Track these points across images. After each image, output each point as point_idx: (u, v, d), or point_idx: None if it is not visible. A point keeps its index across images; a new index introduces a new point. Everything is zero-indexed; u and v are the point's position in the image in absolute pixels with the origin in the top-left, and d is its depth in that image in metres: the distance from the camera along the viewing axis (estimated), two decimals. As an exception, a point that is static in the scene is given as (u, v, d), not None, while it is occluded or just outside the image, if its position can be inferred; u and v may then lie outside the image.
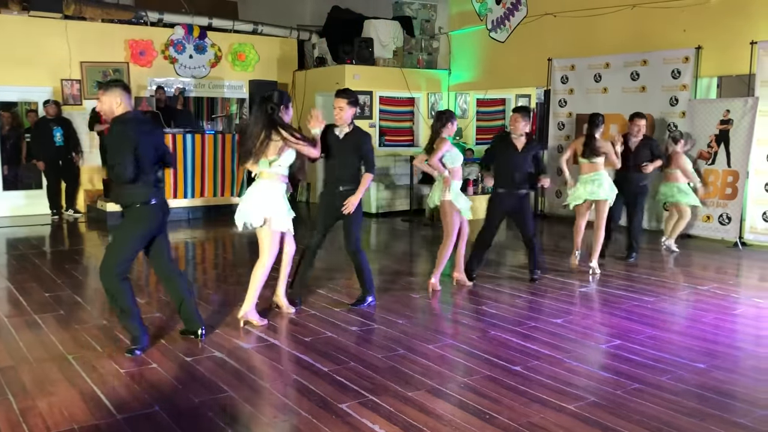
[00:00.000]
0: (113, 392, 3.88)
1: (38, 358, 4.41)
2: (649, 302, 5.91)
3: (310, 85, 12.91)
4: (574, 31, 10.34)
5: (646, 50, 9.46)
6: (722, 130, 8.57)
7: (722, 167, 8.58)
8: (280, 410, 3.65)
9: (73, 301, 5.86)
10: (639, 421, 3.50)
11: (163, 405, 3.69)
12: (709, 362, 4.41)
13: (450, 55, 12.93)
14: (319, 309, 5.61)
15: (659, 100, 9.32)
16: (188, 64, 12.31)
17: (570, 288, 6.42)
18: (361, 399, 3.78)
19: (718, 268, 7.45)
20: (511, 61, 11.43)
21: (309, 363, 4.36)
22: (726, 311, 5.65)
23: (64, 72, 11.17)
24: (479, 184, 11.14)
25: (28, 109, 11.46)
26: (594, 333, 5.07)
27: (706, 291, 6.32)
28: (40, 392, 3.86)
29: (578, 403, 3.73)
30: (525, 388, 3.95)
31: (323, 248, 6.01)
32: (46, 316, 5.35)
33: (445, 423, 3.48)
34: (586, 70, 10.29)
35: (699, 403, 3.76)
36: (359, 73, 11.83)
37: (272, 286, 5.54)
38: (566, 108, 10.63)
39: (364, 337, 4.92)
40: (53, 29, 11.04)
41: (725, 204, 8.55)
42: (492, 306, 5.78)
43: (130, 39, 11.78)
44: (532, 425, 3.45)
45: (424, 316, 5.58)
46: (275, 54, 13.28)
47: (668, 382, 4.05)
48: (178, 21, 12.28)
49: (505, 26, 11.52)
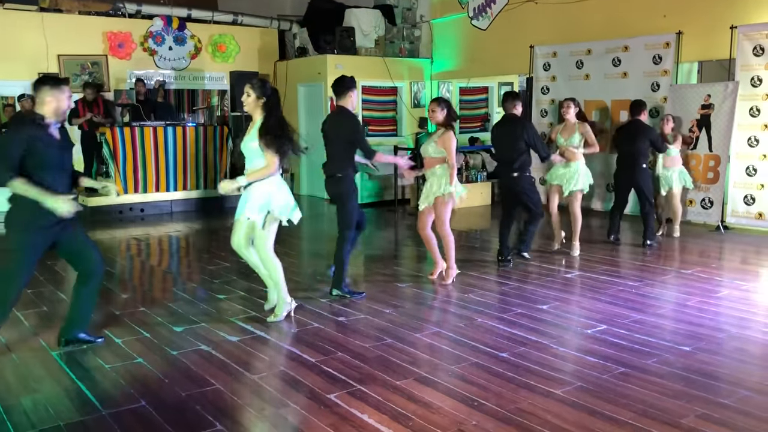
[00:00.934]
0: (98, 388, 3.85)
1: (21, 355, 4.36)
2: (634, 287, 5.95)
3: (291, 76, 12.82)
4: (556, 18, 10.34)
5: (628, 36, 9.48)
6: (703, 114, 8.63)
7: (704, 152, 8.63)
8: (269, 402, 3.64)
9: (55, 297, 5.79)
10: (626, 405, 3.53)
11: (149, 399, 3.66)
12: (694, 345, 4.45)
13: (432, 44, 12.89)
14: (305, 300, 5.59)
15: (641, 85, 9.36)
16: (168, 56, 12.18)
17: (555, 274, 6.45)
18: (350, 389, 3.77)
19: (701, 251, 7.51)
20: (494, 48, 11.41)
21: (296, 354, 4.35)
22: (710, 294, 5.71)
23: (42, 65, 10.99)
24: (464, 172, 11.14)
25: (5, 104, 11.29)
26: (580, 318, 5.10)
27: (689, 275, 6.37)
28: (24, 389, 3.82)
29: (565, 388, 3.75)
30: (512, 375, 3.96)
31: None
32: (29, 313, 5.29)
33: (433, 411, 3.48)
34: (568, 56, 10.30)
35: (684, 385, 3.79)
36: (341, 63, 11.77)
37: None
38: (549, 95, 10.64)
39: (352, 327, 4.91)
40: (29, 22, 10.88)
41: (707, 188, 8.62)
42: (478, 294, 5.79)
43: (108, 31, 11.63)
44: (520, 411, 3.46)
45: (410, 305, 5.58)
46: (256, 44, 13.18)
47: (654, 365, 4.09)
48: (156, 12, 12.14)
49: (486, 14, 11.49)
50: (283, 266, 5.04)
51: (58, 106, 4.08)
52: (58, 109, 4.09)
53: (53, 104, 4.06)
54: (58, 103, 4.08)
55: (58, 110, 4.10)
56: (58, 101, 4.08)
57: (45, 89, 4.06)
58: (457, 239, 6.42)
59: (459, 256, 6.43)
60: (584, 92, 10.07)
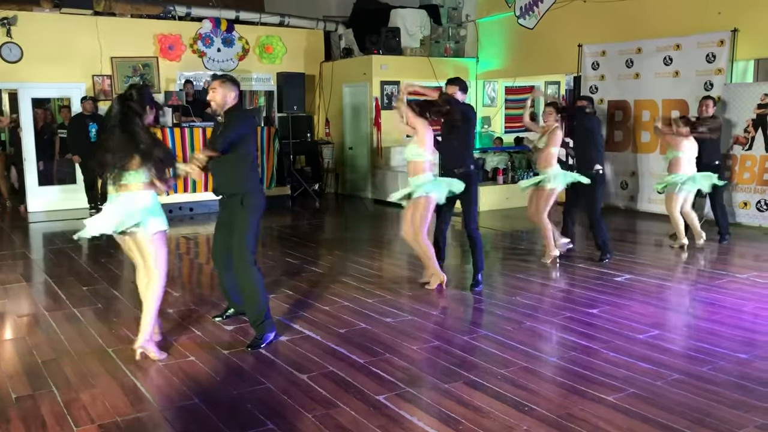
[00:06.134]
0: (153, 385, 3.94)
1: (79, 351, 4.49)
2: (687, 291, 5.81)
3: (337, 77, 12.90)
4: (605, 17, 10.17)
5: (680, 35, 9.27)
6: (759, 114, 8.38)
7: (760, 152, 8.38)
8: (319, 402, 3.67)
9: (110, 294, 5.95)
10: (681, 413, 3.45)
11: (202, 397, 3.73)
12: (751, 352, 4.33)
13: (477, 43, 12.82)
14: (351, 300, 5.62)
15: (693, 84, 9.13)
16: (216, 57, 12.38)
17: (604, 277, 6.35)
18: (399, 391, 3.78)
19: (757, 255, 7.29)
20: (541, 47, 11.28)
21: (345, 355, 4.37)
22: (766, 300, 5.54)
23: (96, 68, 11.31)
24: (509, 173, 11.04)
25: (61, 105, 11.63)
26: (631, 323, 4.99)
27: (744, 279, 6.20)
28: (82, 385, 3.94)
29: (618, 395, 3.69)
30: (563, 380, 3.91)
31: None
32: (85, 310, 5.44)
33: (483, 415, 3.46)
34: (618, 55, 10.12)
35: (742, 394, 3.69)
36: (386, 63, 11.79)
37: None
38: (597, 94, 10.47)
39: (399, 329, 4.91)
40: (84, 26, 11.18)
41: (763, 190, 8.36)
42: (525, 296, 5.73)
43: (158, 33, 11.88)
44: (571, 417, 3.42)
45: (457, 307, 5.56)
46: (302, 46, 13.29)
47: (709, 373, 3.99)
48: (205, 14, 12.35)
49: (534, 12, 11.37)
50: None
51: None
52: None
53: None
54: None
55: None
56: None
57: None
58: (500, 240, 6.37)
59: (502, 257, 6.38)
60: (634, 91, 9.89)
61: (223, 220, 4.85)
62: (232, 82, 4.65)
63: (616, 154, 10.05)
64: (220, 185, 4.72)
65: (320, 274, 6.59)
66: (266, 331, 4.57)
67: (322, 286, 6.10)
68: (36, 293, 6.12)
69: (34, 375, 4.08)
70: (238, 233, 4.58)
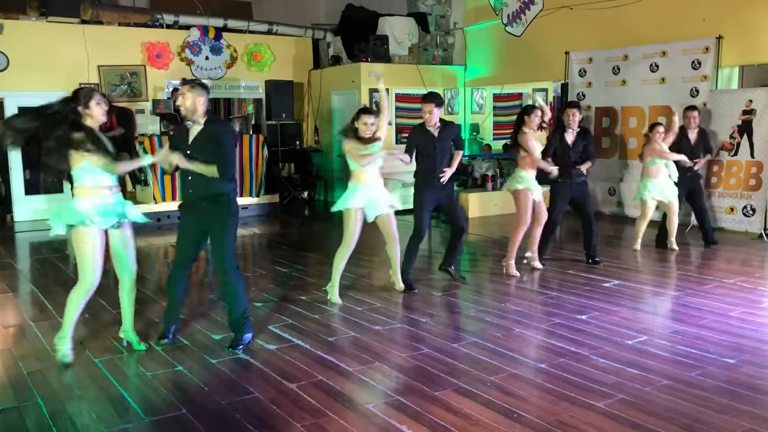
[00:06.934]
0: (140, 395, 3.90)
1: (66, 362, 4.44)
2: (675, 296, 5.84)
3: (325, 84, 12.90)
4: (592, 24, 10.25)
5: (665, 41, 9.35)
6: (745, 120, 8.46)
7: (745, 158, 8.46)
8: (308, 412, 3.64)
9: (97, 304, 5.89)
10: (670, 419, 3.46)
11: (190, 407, 3.70)
12: (739, 357, 4.35)
13: (465, 51, 12.86)
14: (341, 308, 5.61)
15: (679, 91, 9.20)
16: (204, 65, 12.35)
17: (592, 283, 6.37)
18: (388, 399, 3.77)
19: (744, 260, 7.34)
20: (528, 55, 11.34)
21: (334, 363, 4.36)
22: (753, 305, 5.57)
23: (83, 76, 11.23)
24: (497, 179, 11.07)
25: (48, 114, 11.53)
26: (619, 329, 5.00)
27: (732, 284, 6.23)
28: (68, 396, 3.90)
29: (607, 401, 3.69)
30: (552, 386, 3.91)
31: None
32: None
33: (473, 422, 3.46)
34: (605, 62, 10.19)
35: (731, 399, 3.70)
36: (375, 71, 11.79)
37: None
38: (585, 101, 10.53)
39: (388, 336, 4.90)
40: (71, 34, 11.12)
41: (749, 195, 8.43)
42: (515, 303, 5.74)
43: (146, 42, 11.84)
44: (561, 424, 3.42)
45: (447, 314, 5.56)
46: (290, 53, 13.29)
47: (698, 378, 4.00)
48: (193, 23, 12.32)
49: (521, 20, 11.44)
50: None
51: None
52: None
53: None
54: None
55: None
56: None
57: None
58: (490, 247, 6.39)
59: (492, 264, 6.38)
60: (621, 98, 9.96)
61: (191, 228, 4.71)
62: (202, 87, 4.58)
63: (603, 160, 10.11)
64: (199, 190, 4.58)
65: (309, 282, 6.57)
66: (246, 332, 4.68)
67: (311, 294, 6.08)
68: (22, 303, 6.06)
69: (19, 387, 4.04)
70: (219, 238, 4.59)
